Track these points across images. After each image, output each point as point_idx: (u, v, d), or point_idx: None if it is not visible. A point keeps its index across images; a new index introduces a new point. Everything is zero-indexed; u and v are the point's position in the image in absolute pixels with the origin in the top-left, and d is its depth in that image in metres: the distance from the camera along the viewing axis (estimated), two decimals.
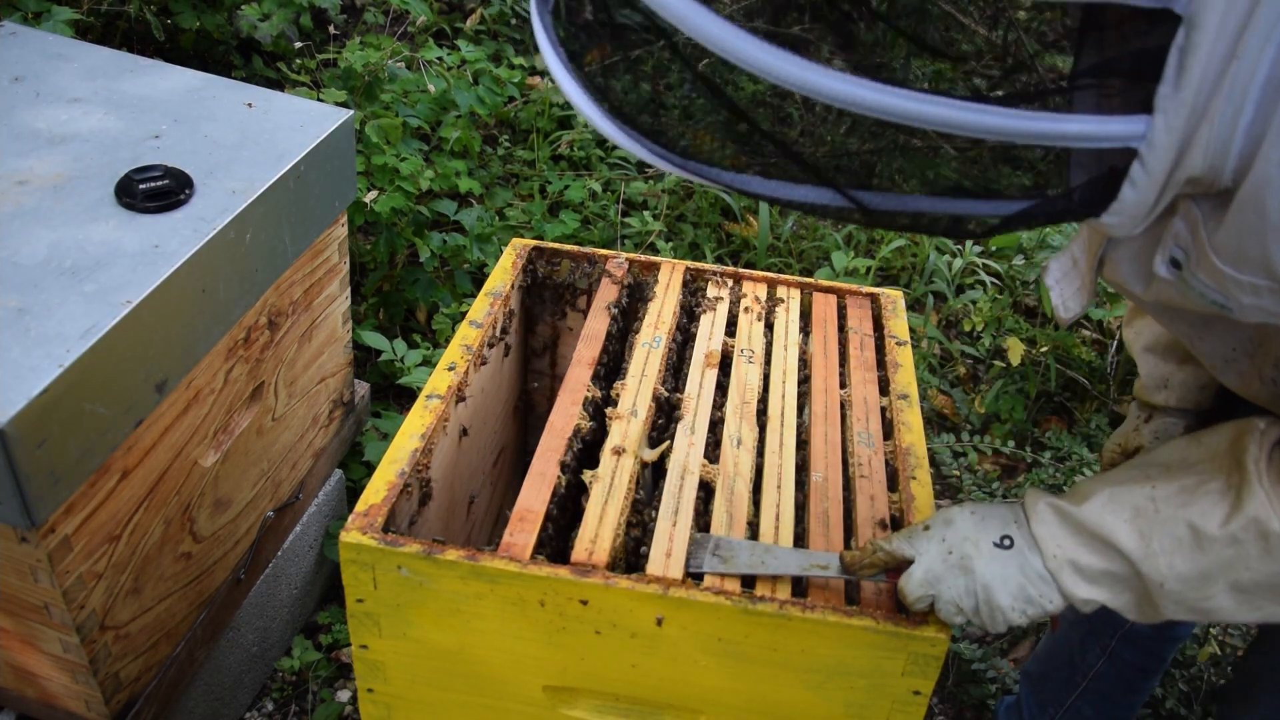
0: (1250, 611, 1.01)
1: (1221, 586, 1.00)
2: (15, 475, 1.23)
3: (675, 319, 1.71)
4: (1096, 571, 1.06)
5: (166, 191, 1.53)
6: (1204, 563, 1.00)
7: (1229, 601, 1.01)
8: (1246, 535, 0.97)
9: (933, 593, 1.12)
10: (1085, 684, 1.82)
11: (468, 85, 3.04)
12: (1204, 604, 1.02)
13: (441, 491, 1.52)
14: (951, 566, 1.12)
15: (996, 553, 1.10)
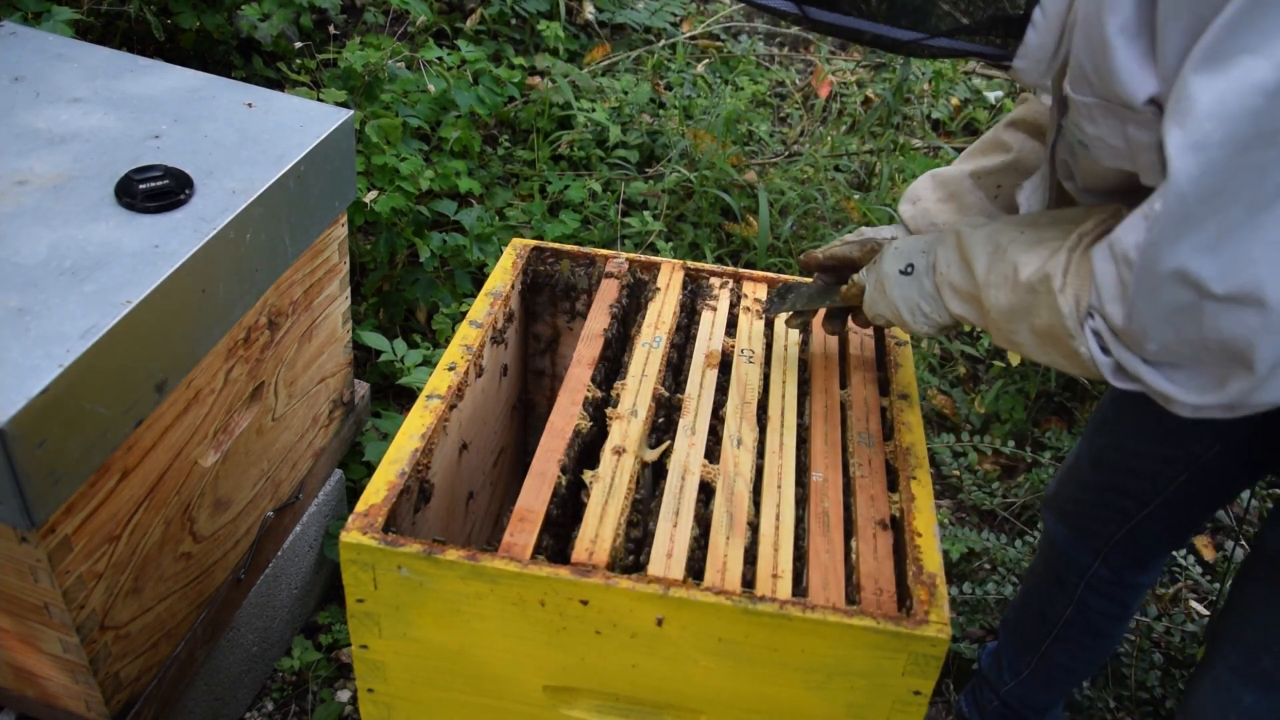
0: (1043, 354, 1.18)
1: (1025, 326, 1.18)
2: (15, 475, 1.23)
3: (675, 319, 1.71)
4: (964, 292, 1.27)
5: (166, 191, 1.53)
6: (1014, 301, 1.18)
7: (1030, 340, 1.18)
8: (1041, 288, 1.13)
9: (874, 311, 1.41)
10: (1056, 631, 1.89)
11: (468, 85, 3.04)
12: (1015, 337, 1.20)
13: (441, 491, 1.52)
14: (879, 291, 1.39)
15: (901, 278, 1.36)
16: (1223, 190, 0.92)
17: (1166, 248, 0.97)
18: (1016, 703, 2.04)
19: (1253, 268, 0.93)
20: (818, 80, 4.17)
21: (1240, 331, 0.96)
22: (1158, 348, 1.03)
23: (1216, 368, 1.01)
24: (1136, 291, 1.02)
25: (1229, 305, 0.96)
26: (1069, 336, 1.11)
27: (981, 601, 2.41)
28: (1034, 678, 1.99)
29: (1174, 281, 0.98)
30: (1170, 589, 2.48)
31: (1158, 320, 1.01)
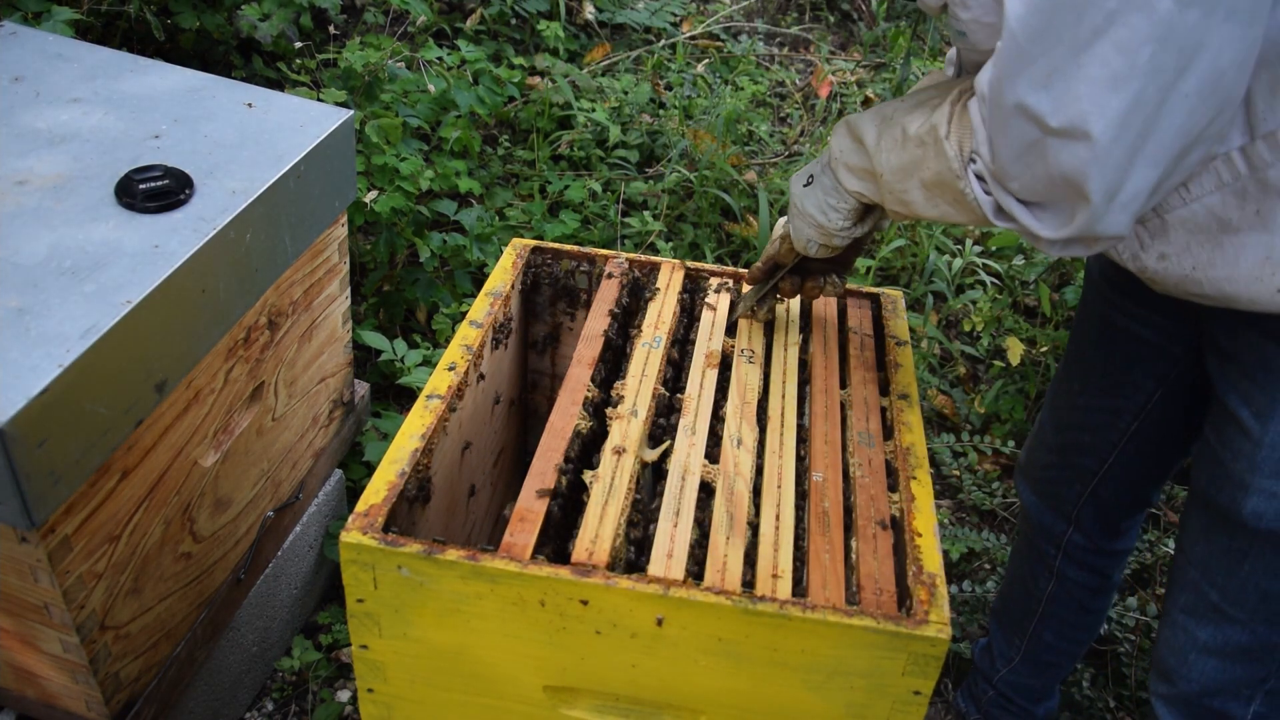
0: (932, 208, 1.26)
1: (915, 182, 1.26)
2: (15, 475, 1.23)
3: (675, 319, 1.71)
4: (857, 167, 1.35)
5: (166, 191, 1.53)
6: (904, 158, 1.26)
7: (920, 195, 1.26)
8: (929, 138, 1.22)
9: (799, 237, 1.49)
10: (1042, 609, 1.95)
11: (468, 85, 3.04)
12: (906, 196, 1.28)
13: (441, 491, 1.52)
14: (795, 215, 1.48)
15: (806, 190, 1.45)
16: (1046, 30, 1.02)
17: (1008, 83, 1.07)
18: (1010, 690, 2.07)
19: (1079, 104, 1.02)
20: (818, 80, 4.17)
21: (1075, 164, 1.05)
22: (1019, 185, 1.13)
23: (1065, 203, 1.11)
24: (991, 127, 1.12)
25: (1064, 140, 1.05)
26: (956, 179, 1.19)
27: (981, 601, 2.41)
28: (1025, 661, 2.02)
29: (1018, 115, 1.07)
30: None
31: (1012, 158, 1.11)
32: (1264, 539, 1.35)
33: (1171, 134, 1.05)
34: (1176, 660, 1.50)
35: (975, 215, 1.21)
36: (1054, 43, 1.02)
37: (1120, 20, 0.98)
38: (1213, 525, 1.42)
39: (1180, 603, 1.49)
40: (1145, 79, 1.00)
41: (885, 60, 4.47)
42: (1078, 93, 1.02)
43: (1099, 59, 1.00)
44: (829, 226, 1.44)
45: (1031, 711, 2.08)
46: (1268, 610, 1.39)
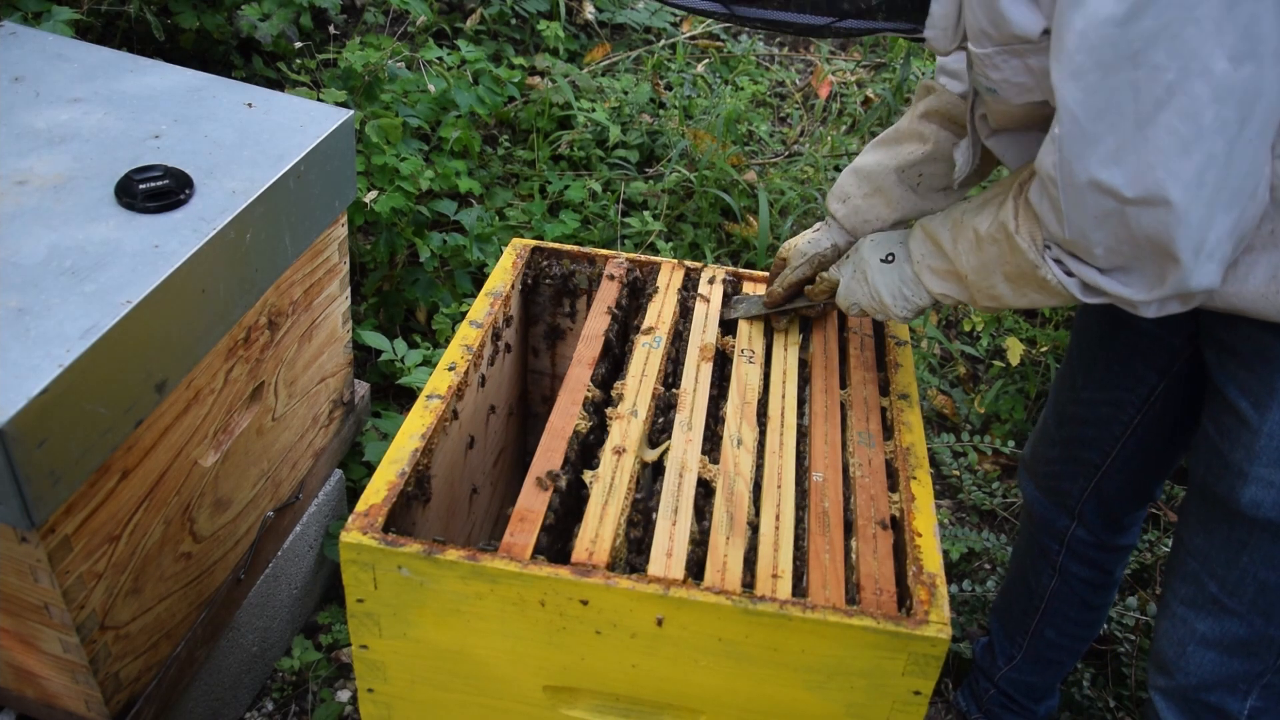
0: (1021, 297, 1.30)
1: (999, 277, 1.31)
2: (15, 475, 1.23)
3: (675, 319, 1.71)
4: (941, 271, 1.40)
5: (166, 191, 1.53)
6: (983, 257, 1.32)
7: (1007, 289, 1.31)
8: (999, 235, 1.28)
9: (850, 300, 1.53)
10: (1044, 606, 1.95)
11: (468, 85, 3.04)
12: (994, 290, 1.33)
13: (441, 491, 1.52)
14: (858, 279, 1.52)
15: (883, 266, 1.48)
16: (1107, 108, 1.06)
17: (1078, 163, 1.10)
18: (1012, 688, 2.07)
19: (1153, 173, 1.06)
20: (817, 80, 4.17)
21: (1158, 228, 1.09)
22: (1103, 252, 1.15)
23: (1153, 264, 1.14)
24: (1066, 204, 1.14)
25: (1143, 207, 1.09)
26: (1035, 268, 1.24)
27: (981, 601, 2.41)
28: (1027, 660, 2.02)
29: (1092, 191, 1.11)
30: None
31: (1092, 227, 1.14)
32: (1262, 528, 1.36)
33: (1240, 177, 1.09)
34: (1175, 652, 1.50)
35: (1064, 297, 1.24)
36: (1117, 119, 1.06)
37: (1180, 90, 1.02)
38: (1212, 515, 1.43)
39: (1180, 594, 1.50)
40: (1212, 138, 1.04)
41: (885, 60, 4.47)
42: (1150, 162, 1.06)
43: (1165, 128, 1.04)
44: (893, 310, 1.48)
45: (1033, 710, 2.08)
46: (1265, 602, 1.40)
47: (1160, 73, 1.02)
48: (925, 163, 1.56)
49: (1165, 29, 1.00)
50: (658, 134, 3.63)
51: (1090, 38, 1.03)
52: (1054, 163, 1.14)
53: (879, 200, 1.58)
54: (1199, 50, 1.00)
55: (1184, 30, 1.00)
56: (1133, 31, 1.01)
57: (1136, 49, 1.01)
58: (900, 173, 1.56)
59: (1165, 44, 1.00)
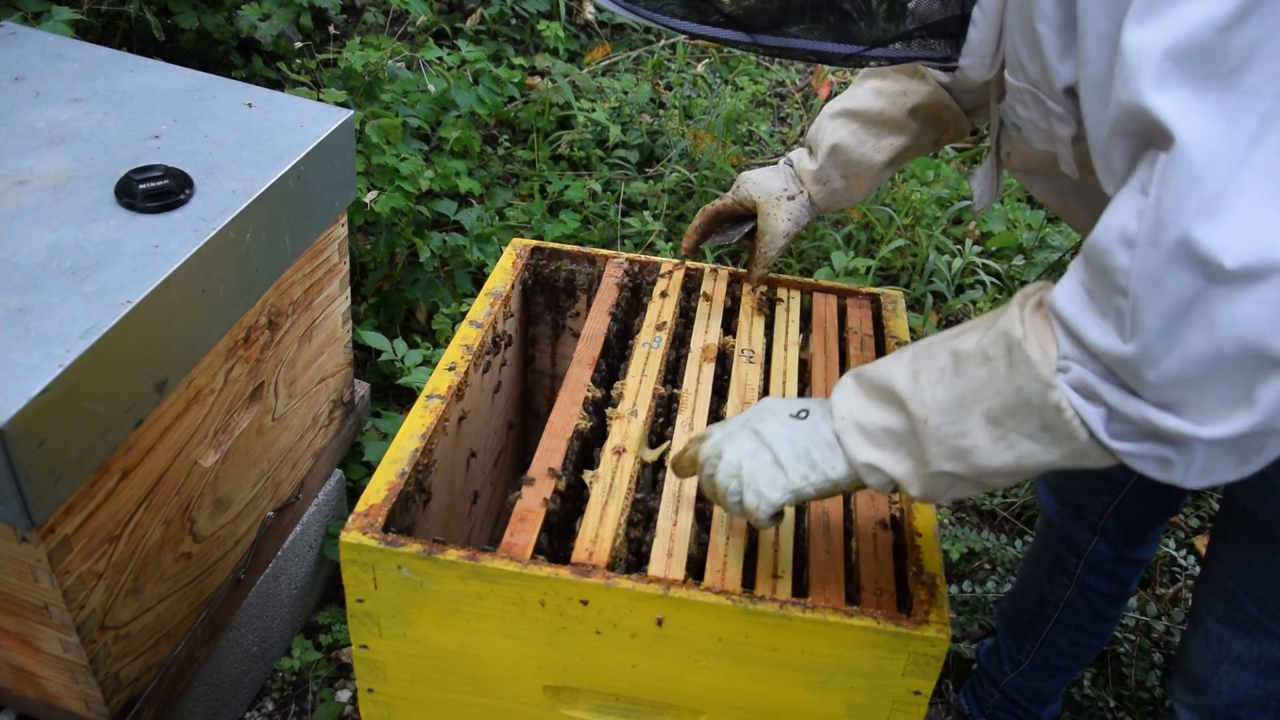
0: (1004, 449, 0.98)
1: (977, 418, 0.99)
2: (15, 475, 1.23)
3: (675, 319, 1.71)
4: (878, 429, 1.07)
5: (166, 191, 1.53)
6: (961, 387, 1.00)
7: (985, 438, 0.98)
8: (996, 350, 0.98)
9: (719, 451, 1.16)
10: (1056, 615, 1.92)
11: (468, 85, 3.04)
12: (963, 442, 1.00)
13: (441, 491, 1.52)
14: (745, 428, 1.16)
15: (791, 420, 1.14)
16: (1207, 138, 0.82)
17: (1170, 214, 0.82)
18: (1017, 694, 2.06)
19: (1255, 232, 0.79)
20: (817, 80, 4.17)
21: (1259, 318, 0.79)
22: (1159, 376, 0.85)
23: (1237, 381, 0.83)
24: (1138, 288, 0.84)
25: (1242, 286, 0.79)
26: (1046, 390, 0.92)
27: (981, 601, 2.41)
28: (1034, 666, 2.00)
29: (1179, 261, 0.81)
30: (1170, 589, 2.48)
31: (1159, 331, 0.84)
32: None
33: None
34: (1208, 670, 1.48)
35: (1072, 442, 0.93)
36: (1216, 156, 0.81)
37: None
38: (1253, 539, 1.39)
39: (1215, 612, 1.46)
40: None
41: None
42: (1254, 218, 0.80)
43: (1265, 172, 0.80)
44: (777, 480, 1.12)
45: (1036, 715, 2.07)
46: None
47: (1255, 99, 0.79)
48: (906, 152, 1.58)
49: (1267, 41, 0.78)
50: (658, 134, 3.63)
51: (1184, 45, 0.80)
52: (1128, 232, 0.85)
53: (857, 184, 1.61)
54: None
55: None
56: (1234, 42, 0.79)
57: (1234, 65, 0.79)
58: (888, 166, 1.58)
59: (1263, 62, 0.79)
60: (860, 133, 1.57)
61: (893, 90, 1.55)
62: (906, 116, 1.54)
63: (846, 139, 1.58)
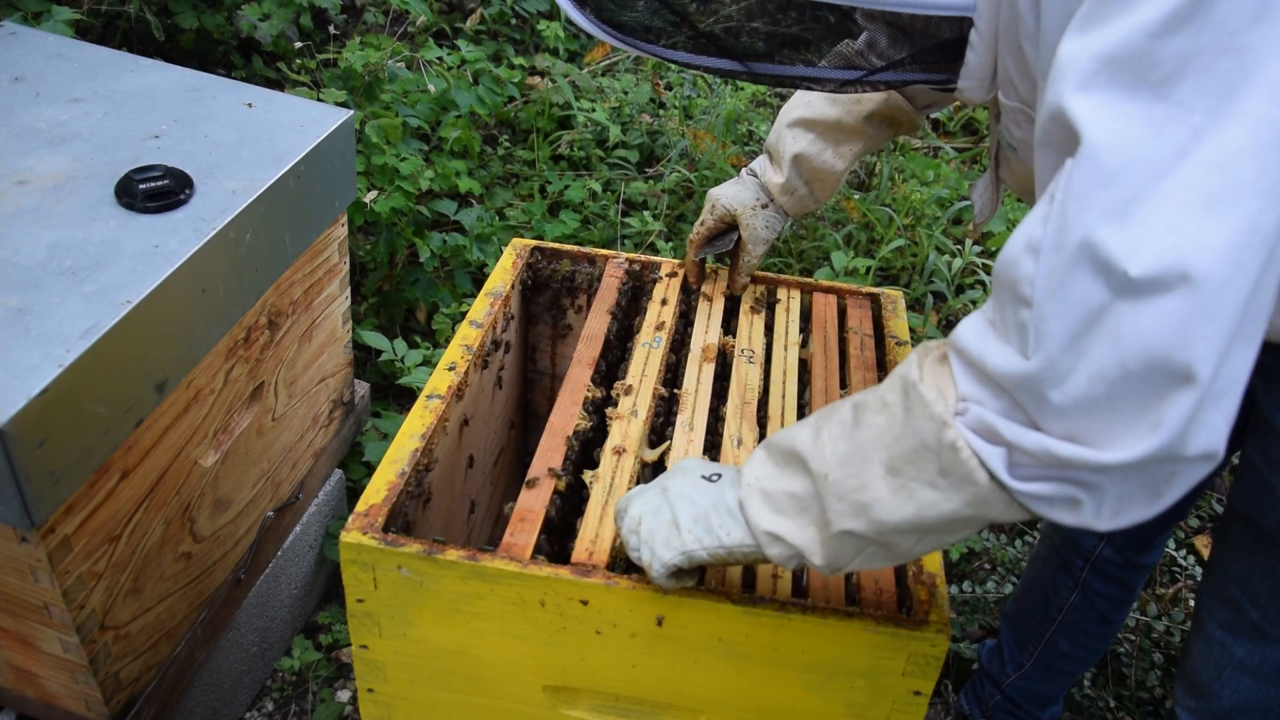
0: (904, 500, 0.92)
1: (876, 468, 0.94)
2: (15, 475, 1.23)
3: (675, 319, 1.71)
4: (782, 495, 1.03)
5: (166, 191, 1.53)
6: (860, 437, 0.96)
7: (885, 489, 0.93)
8: (893, 395, 0.94)
9: (628, 504, 1.17)
10: (1060, 618, 1.92)
11: (468, 85, 3.04)
12: (863, 495, 0.95)
13: (441, 491, 1.52)
14: (655, 486, 1.16)
15: (699, 482, 1.13)
16: (1123, 141, 0.79)
17: (1073, 215, 0.78)
18: (1019, 695, 2.06)
19: (1168, 238, 0.75)
20: None
21: (1167, 329, 0.75)
22: (1064, 397, 0.80)
23: (1144, 398, 0.77)
24: (1042, 291, 0.80)
25: (1148, 297, 0.75)
26: (942, 428, 0.88)
27: (981, 601, 2.41)
28: (1036, 668, 2.00)
29: (1083, 266, 0.77)
30: (1170, 589, 2.48)
31: (1064, 344, 0.79)
32: None
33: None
34: (1210, 676, 1.48)
35: (972, 486, 0.87)
36: (1133, 161, 0.77)
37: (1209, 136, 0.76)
38: (1257, 546, 1.39)
39: (1218, 618, 1.46)
40: (1254, 199, 0.75)
41: None
42: (1167, 225, 0.75)
43: (1186, 183, 0.76)
44: (671, 541, 1.10)
45: (1037, 717, 2.07)
46: None
47: (1187, 111, 0.76)
48: (864, 153, 1.63)
49: (1201, 54, 0.75)
50: (658, 134, 3.63)
51: (1114, 50, 0.77)
52: (1034, 239, 0.81)
53: (821, 189, 1.66)
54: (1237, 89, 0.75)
55: (1218, 62, 0.75)
56: (1165, 50, 0.75)
57: (1165, 74, 0.76)
58: (849, 168, 1.64)
59: (1197, 75, 0.75)
60: (819, 141, 1.61)
61: (847, 98, 1.57)
62: (863, 123, 1.57)
63: (807, 149, 1.61)
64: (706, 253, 1.77)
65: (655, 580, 1.13)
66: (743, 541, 1.07)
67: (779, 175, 1.66)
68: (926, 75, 1.12)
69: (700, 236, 1.76)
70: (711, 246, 1.77)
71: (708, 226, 1.75)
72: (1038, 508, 0.85)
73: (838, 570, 1.02)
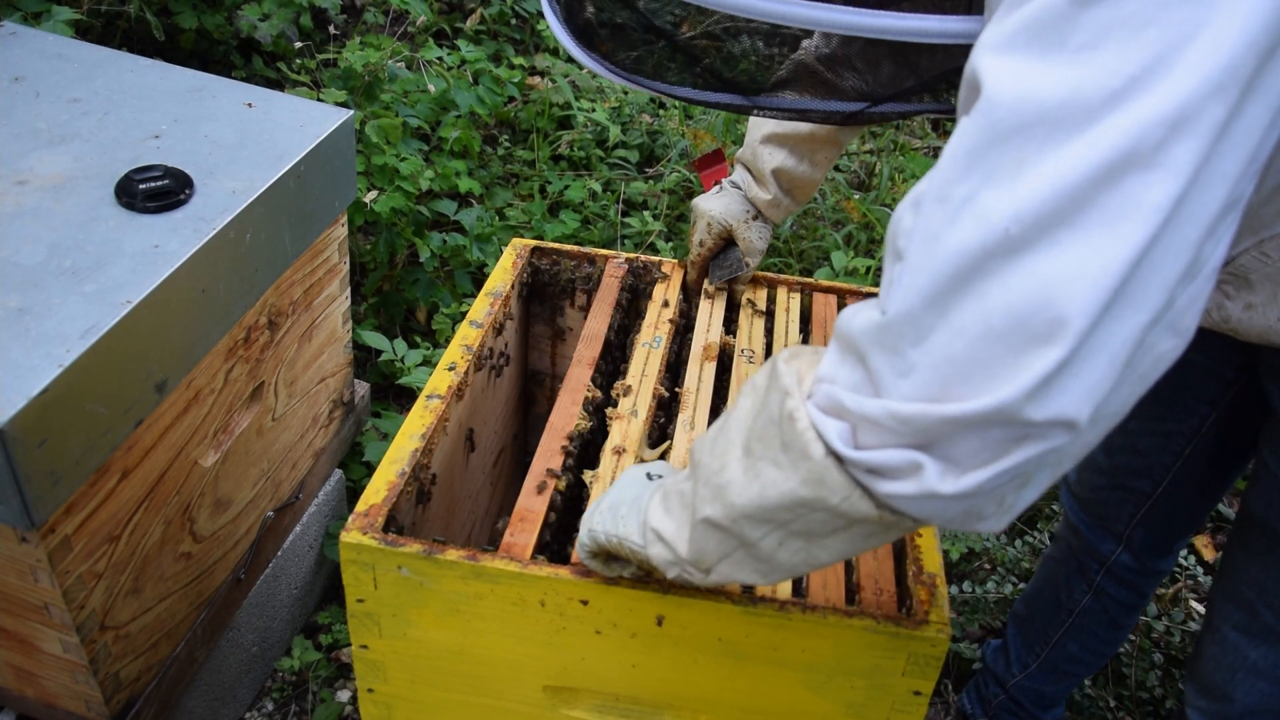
0: (752, 480, 0.89)
1: (736, 450, 0.91)
2: (15, 475, 1.23)
3: (675, 319, 1.71)
4: (674, 493, 1.02)
5: (166, 191, 1.53)
6: (729, 421, 0.95)
7: (739, 469, 0.90)
8: (761, 377, 0.92)
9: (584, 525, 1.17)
10: (1071, 620, 1.91)
11: (468, 85, 3.04)
12: (721, 477, 0.92)
13: (442, 491, 1.52)
14: (614, 483, 1.18)
15: (640, 477, 1.15)
16: (1025, 102, 0.73)
17: (953, 174, 0.75)
18: (1023, 696, 2.06)
19: (1055, 201, 0.71)
20: None
21: (1034, 286, 0.71)
22: (921, 355, 0.76)
23: (1002, 356, 0.72)
24: (917, 242, 0.76)
25: (1023, 254, 0.71)
26: (784, 397, 0.85)
27: (981, 601, 2.41)
28: (1043, 669, 2.00)
29: (961, 219, 0.74)
30: (1170, 589, 2.48)
31: (928, 296, 0.75)
32: None
33: (1192, 245, 0.72)
34: (1223, 678, 1.48)
35: (808, 462, 0.83)
36: (1035, 123, 0.73)
37: (1126, 102, 0.71)
38: (1271, 550, 1.39)
39: (1232, 620, 1.46)
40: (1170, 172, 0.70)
41: None
42: (1057, 189, 0.71)
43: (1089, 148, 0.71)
44: (595, 523, 1.12)
45: (1039, 718, 2.07)
46: None
47: (1107, 77, 0.70)
48: (839, 155, 1.66)
49: (1125, 24, 0.70)
50: (658, 134, 3.63)
51: (1035, 14, 0.73)
52: (919, 193, 0.78)
53: (802, 194, 1.69)
54: (1162, 59, 0.69)
55: (1144, 32, 0.70)
56: (1087, 17, 0.71)
57: (1086, 40, 0.71)
58: (826, 173, 1.68)
59: (1120, 45, 0.70)
60: (795, 153, 1.62)
61: None
62: (834, 131, 1.58)
63: (785, 162, 1.62)
64: (718, 278, 1.75)
65: (580, 557, 1.17)
66: (631, 535, 1.07)
67: (765, 192, 1.67)
68: (933, 106, 1.10)
69: (702, 258, 1.75)
70: (716, 268, 1.76)
71: (708, 247, 1.73)
72: (878, 484, 0.81)
73: (706, 573, 0.98)
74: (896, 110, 1.12)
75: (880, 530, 0.86)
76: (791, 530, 0.89)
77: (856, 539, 0.88)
